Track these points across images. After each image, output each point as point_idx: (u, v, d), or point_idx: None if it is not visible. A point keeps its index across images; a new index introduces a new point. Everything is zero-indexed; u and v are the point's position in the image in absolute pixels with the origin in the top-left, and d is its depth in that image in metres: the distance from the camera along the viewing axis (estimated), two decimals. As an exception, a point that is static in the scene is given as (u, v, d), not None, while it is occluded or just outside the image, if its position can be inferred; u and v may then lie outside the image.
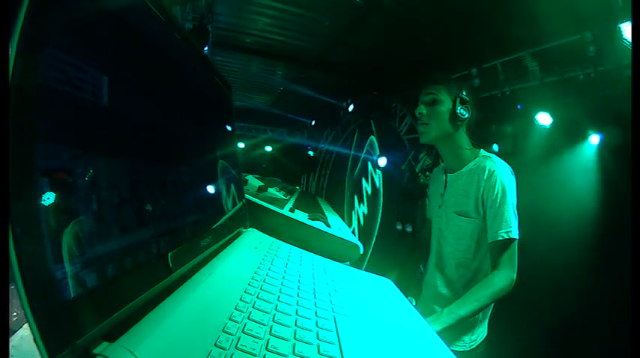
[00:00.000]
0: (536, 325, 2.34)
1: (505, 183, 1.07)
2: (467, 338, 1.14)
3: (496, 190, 1.06)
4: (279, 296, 0.52)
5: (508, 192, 1.06)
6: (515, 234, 1.04)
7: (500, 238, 1.04)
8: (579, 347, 2.22)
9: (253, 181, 1.67)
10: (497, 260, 1.06)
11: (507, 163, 1.14)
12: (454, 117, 1.13)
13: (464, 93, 1.13)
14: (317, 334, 0.44)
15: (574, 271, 2.26)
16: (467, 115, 1.13)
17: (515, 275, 1.04)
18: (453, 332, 0.69)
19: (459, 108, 1.12)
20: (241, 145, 6.93)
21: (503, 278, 1.03)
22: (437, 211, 1.24)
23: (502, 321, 1.19)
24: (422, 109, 1.15)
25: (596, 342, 2.08)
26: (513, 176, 1.11)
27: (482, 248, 1.12)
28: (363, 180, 4.88)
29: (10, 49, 0.22)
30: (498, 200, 1.06)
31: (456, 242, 1.16)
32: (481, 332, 1.16)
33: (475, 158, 1.16)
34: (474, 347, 1.14)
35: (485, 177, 1.08)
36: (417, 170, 3.51)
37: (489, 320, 1.19)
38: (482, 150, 1.18)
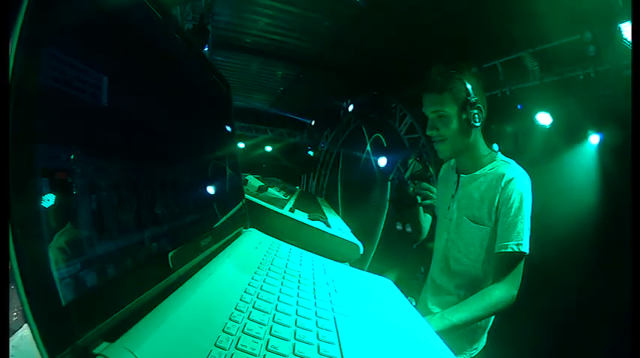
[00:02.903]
0: (533, 327, 2.34)
1: (523, 193, 1.01)
2: (468, 349, 1.10)
3: (512, 199, 1.00)
4: (279, 297, 0.52)
5: (525, 203, 1.00)
6: (525, 248, 0.98)
7: (510, 250, 0.98)
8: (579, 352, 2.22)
9: (253, 181, 1.67)
10: (501, 272, 1.00)
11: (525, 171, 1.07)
12: (468, 126, 1.06)
13: (470, 91, 1.04)
14: (317, 334, 0.44)
15: (573, 271, 2.26)
16: (479, 122, 1.06)
17: (516, 292, 0.98)
18: (448, 340, 0.65)
19: (471, 114, 1.04)
20: (241, 145, 6.93)
21: (504, 292, 0.97)
22: (446, 213, 1.17)
23: (499, 326, 1.17)
24: (433, 131, 1.09)
25: (595, 342, 2.08)
26: (530, 184, 1.04)
27: (491, 257, 1.05)
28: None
29: (9, 48, 0.22)
30: (514, 210, 0.99)
31: (465, 248, 1.10)
32: (481, 342, 1.13)
33: (492, 161, 1.10)
34: (473, 356, 1.10)
35: (502, 184, 1.02)
36: (405, 177, 3.44)
37: (489, 330, 1.14)
38: (499, 154, 1.13)
